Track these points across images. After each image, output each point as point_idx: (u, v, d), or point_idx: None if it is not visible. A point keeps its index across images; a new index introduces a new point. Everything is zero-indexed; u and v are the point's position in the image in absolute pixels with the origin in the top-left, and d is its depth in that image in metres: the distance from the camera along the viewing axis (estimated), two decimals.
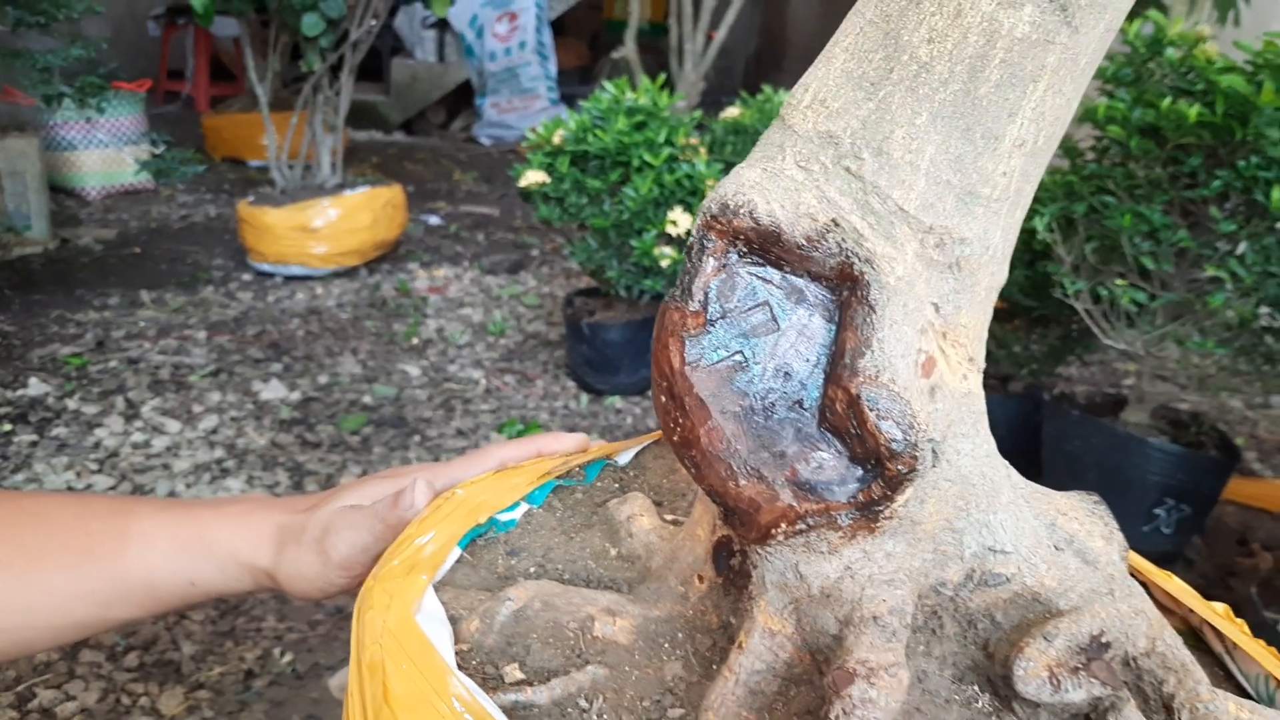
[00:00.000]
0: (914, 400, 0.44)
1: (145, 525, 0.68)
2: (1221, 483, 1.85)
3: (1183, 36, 1.67)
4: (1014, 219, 0.47)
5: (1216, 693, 0.50)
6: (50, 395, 2.53)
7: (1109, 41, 0.46)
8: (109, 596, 0.67)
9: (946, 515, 0.48)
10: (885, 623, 0.45)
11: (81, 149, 4.46)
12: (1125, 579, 0.52)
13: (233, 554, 0.68)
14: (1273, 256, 1.58)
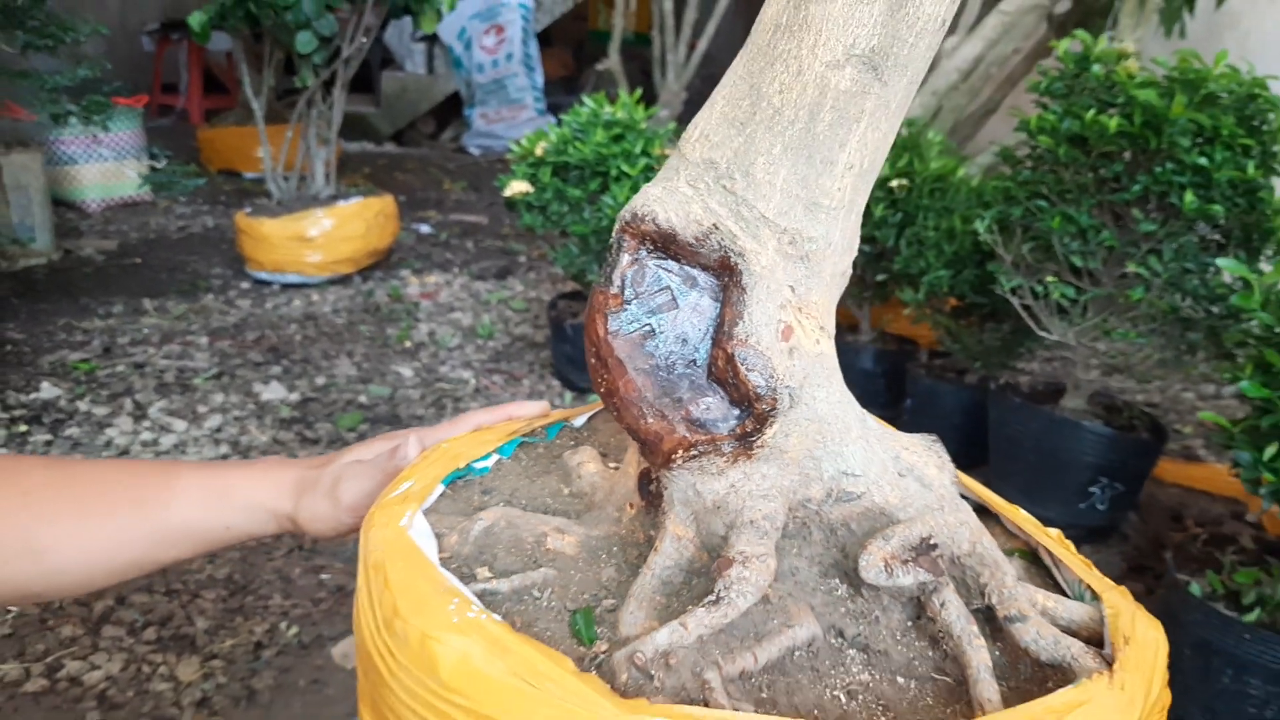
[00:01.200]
0: (774, 357, 0.60)
1: (185, 481, 0.82)
2: (1151, 462, 2.01)
3: (1106, 54, 1.83)
4: (850, 222, 0.63)
5: (1020, 583, 0.65)
6: (62, 398, 2.67)
7: (914, 89, 0.61)
8: (158, 539, 0.81)
9: (808, 446, 0.63)
10: (759, 525, 0.61)
11: (82, 163, 4.60)
12: (954, 499, 0.67)
13: (259, 503, 0.82)
14: (1187, 253, 1.74)
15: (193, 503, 0.81)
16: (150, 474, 0.83)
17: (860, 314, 2.66)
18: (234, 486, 0.82)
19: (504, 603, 0.61)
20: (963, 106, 3.26)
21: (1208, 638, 1.54)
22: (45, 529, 0.78)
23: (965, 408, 2.29)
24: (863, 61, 0.57)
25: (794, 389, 0.62)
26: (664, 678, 0.54)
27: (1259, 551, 1.67)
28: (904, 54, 0.58)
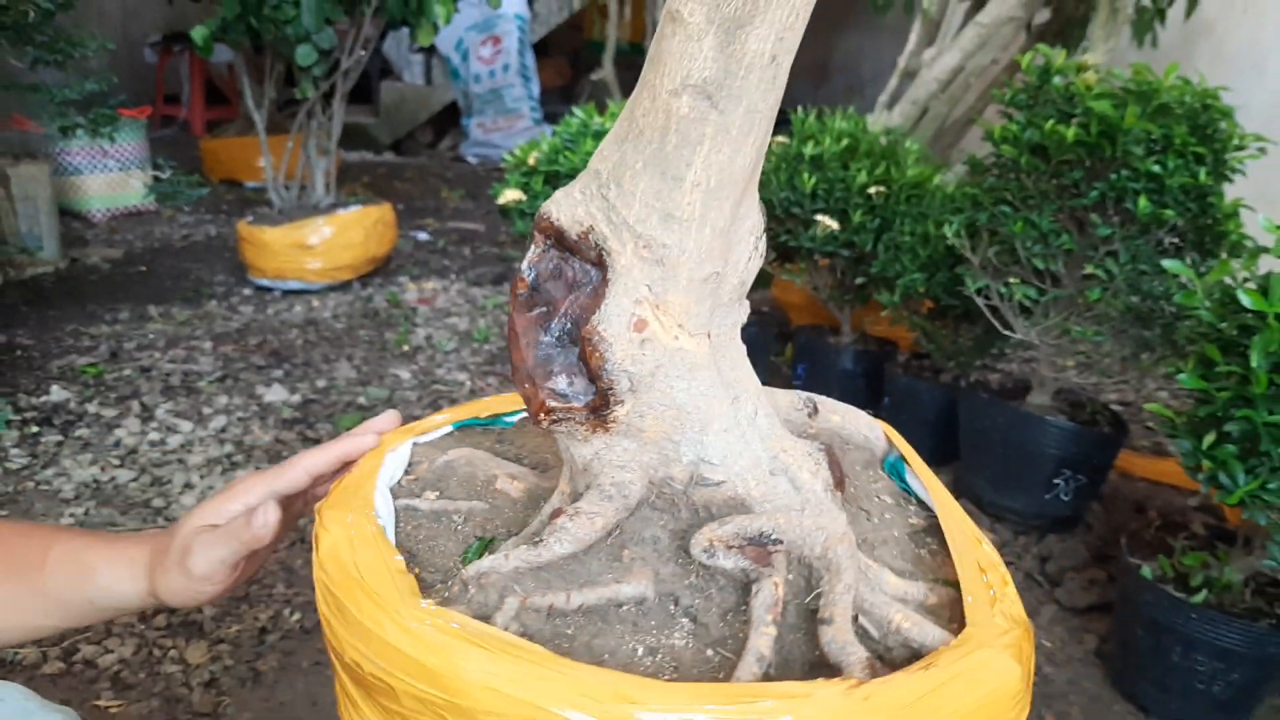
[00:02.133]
0: (619, 345, 0.71)
1: (57, 553, 0.83)
2: (1112, 455, 2.10)
3: (1066, 66, 1.93)
4: (705, 235, 0.71)
5: (850, 589, 0.70)
6: (71, 400, 2.76)
7: (759, 118, 0.69)
8: (38, 607, 0.83)
9: (665, 430, 0.74)
10: (605, 490, 0.72)
11: (88, 173, 4.71)
12: (823, 504, 0.75)
13: (117, 583, 0.83)
14: (1142, 256, 1.84)
15: (61, 575, 0.83)
16: (35, 540, 0.85)
17: (841, 316, 2.76)
18: (96, 565, 0.83)
19: (420, 519, 0.73)
20: (944, 115, 3.36)
21: (1158, 618, 1.63)
22: None
23: (940, 405, 2.38)
24: (698, 91, 0.66)
25: (636, 375, 0.72)
26: (474, 594, 0.66)
27: (1209, 537, 1.76)
28: (736, 85, 0.66)
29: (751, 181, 0.74)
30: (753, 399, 0.78)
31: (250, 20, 3.51)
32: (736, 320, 0.81)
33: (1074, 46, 3.45)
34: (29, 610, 0.83)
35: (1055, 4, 3.44)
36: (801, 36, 0.70)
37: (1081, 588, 1.97)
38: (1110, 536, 2.11)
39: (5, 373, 2.93)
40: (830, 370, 2.74)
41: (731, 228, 0.74)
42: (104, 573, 0.83)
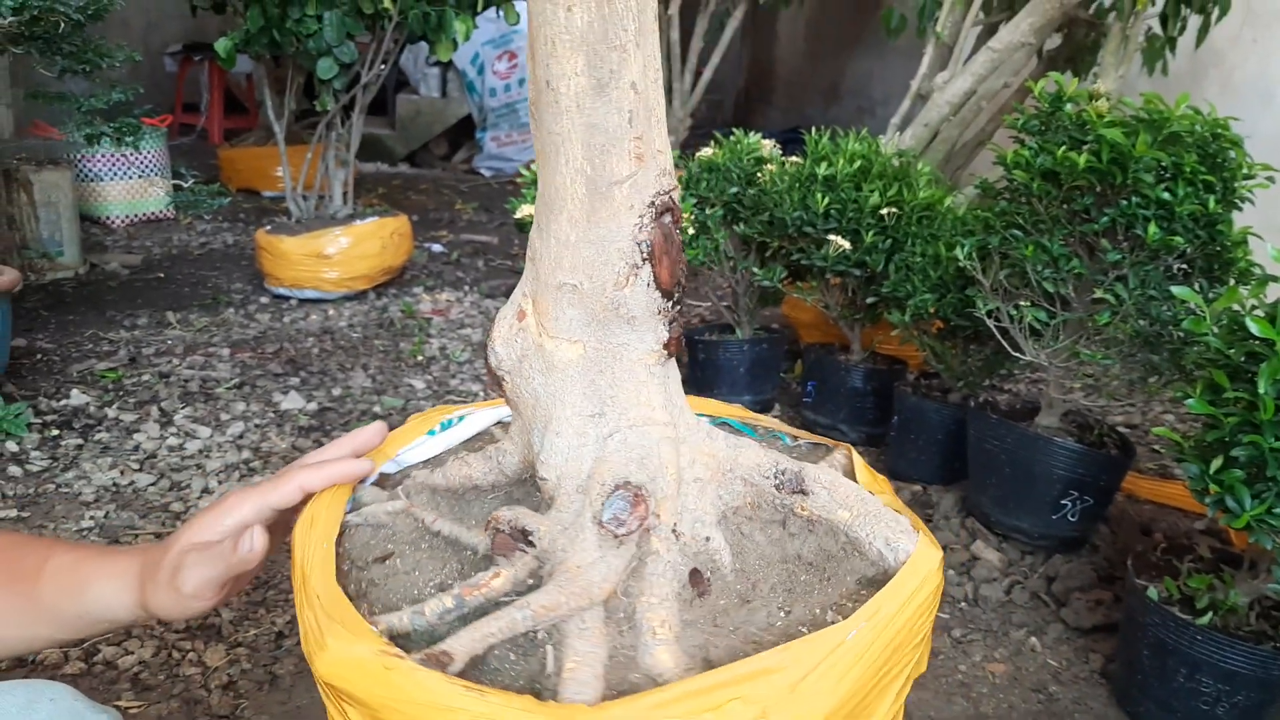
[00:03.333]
0: (501, 327, 0.86)
1: (54, 565, 0.85)
2: (1119, 477, 2.13)
3: (1079, 94, 1.96)
4: (549, 243, 0.82)
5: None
6: (91, 405, 2.80)
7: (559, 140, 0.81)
8: (33, 618, 0.85)
9: (528, 416, 0.84)
10: (488, 453, 0.92)
11: (109, 180, 4.77)
12: (599, 561, 0.85)
13: (109, 597, 0.85)
14: (1151, 281, 1.87)
15: (56, 588, 0.85)
16: (33, 553, 0.87)
17: (852, 335, 2.79)
18: (89, 579, 0.85)
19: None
20: (955, 138, 3.40)
21: (1163, 639, 1.65)
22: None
23: (948, 425, 2.41)
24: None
25: (507, 357, 0.84)
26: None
27: (1215, 560, 1.79)
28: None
29: (602, 203, 0.79)
30: (618, 423, 0.83)
31: (273, 33, 3.56)
32: (628, 343, 0.83)
33: (1085, 73, 3.49)
34: (25, 621, 0.85)
35: (1067, 31, 3.48)
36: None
37: (1088, 608, 1.99)
38: (1117, 558, 2.13)
39: (26, 376, 2.98)
40: (840, 388, 2.77)
41: (584, 246, 0.79)
42: (97, 586, 0.84)
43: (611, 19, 0.73)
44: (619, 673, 0.70)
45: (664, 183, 0.82)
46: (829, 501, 0.87)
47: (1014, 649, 1.91)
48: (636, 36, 0.75)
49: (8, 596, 0.84)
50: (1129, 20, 2.97)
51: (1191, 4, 2.92)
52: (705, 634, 0.75)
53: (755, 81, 9.09)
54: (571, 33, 0.74)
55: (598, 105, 0.75)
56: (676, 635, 0.73)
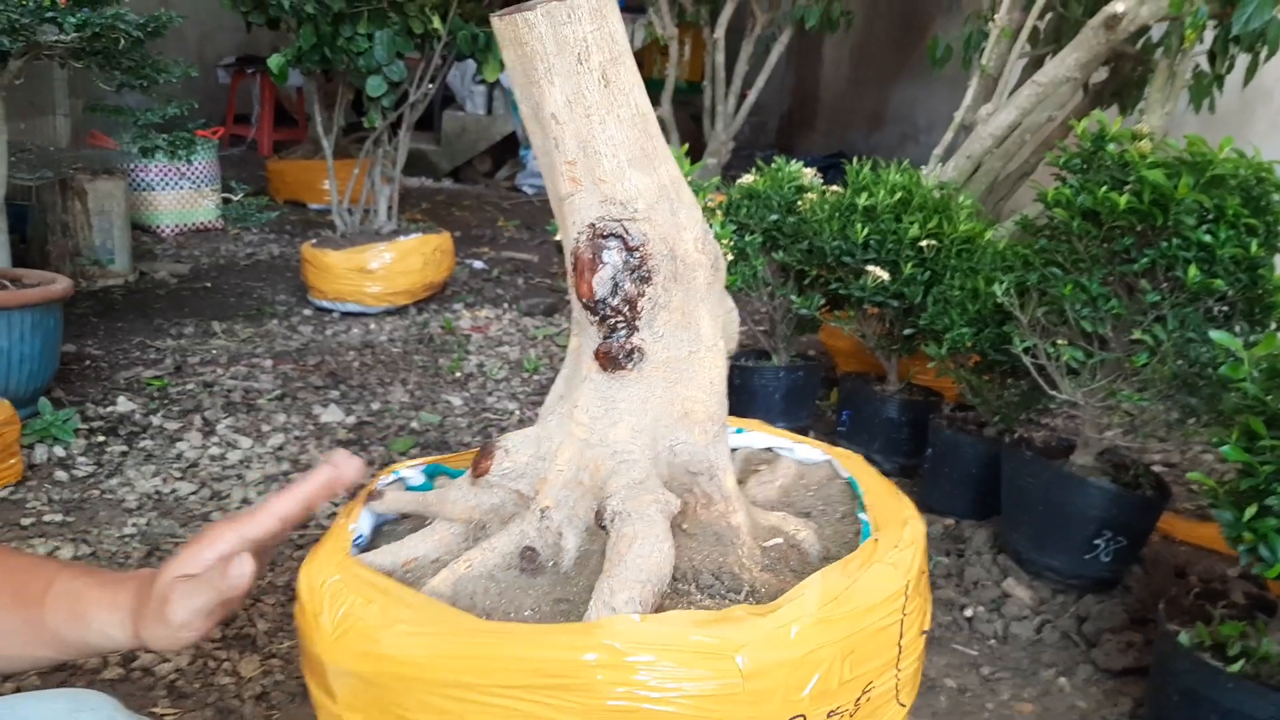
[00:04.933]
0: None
1: (57, 589, 0.88)
2: (1154, 519, 2.11)
3: (1121, 134, 1.96)
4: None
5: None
6: (136, 412, 2.86)
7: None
8: (37, 640, 0.87)
9: None
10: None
11: (160, 190, 4.87)
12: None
13: (105, 628, 0.87)
14: (1189, 323, 1.86)
15: (59, 612, 0.87)
16: (40, 576, 0.90)
17: (888, 365, 2.79)
18: (89, 611, 0.87)
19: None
20: (998, 170, 3.39)
21: (1194, 685, 1.64)
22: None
23: (983, 460, 2.40)
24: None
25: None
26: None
27: (1249, 606, 1.77)
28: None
29: (558, 213, 1.01)
30: (560, 410, 1.02)
31: (325, 50, 3.64)
32: (585, 345, 1.01)
33: (1131, 108, 3.47)
34: (31, 642, 0.87)
35: (1114, 65, 3.46)
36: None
37: (1119, 650, 1.98)
38: (1150, 599, 2.11)
39: (75, 382, 3.05)
40: (874, 418, 2.77)
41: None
42: (96, 618, 0.86)
43: (529, 59, 0.90)
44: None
45: (611, 211, 0.93)
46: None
47: (1043, 689, 1.90)
48: (549, 75, 0.89)
49: (15, 619, 0.86)
50: (1176, 57, 2.96)
51: (1240, 42, 2.90)
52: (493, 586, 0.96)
53: (799, 105, 9.11)
54: (512, 69, 0.94)
55: (536, 130, 0.96)
56: (459, 571, 0.95)
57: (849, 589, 0.87)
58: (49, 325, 2.70)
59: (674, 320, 0.99)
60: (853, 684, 0.85)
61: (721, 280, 1.01)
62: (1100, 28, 2.91)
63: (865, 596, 0.88)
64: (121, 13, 2.74)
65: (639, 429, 0.99)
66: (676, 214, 0.98)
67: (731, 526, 0.97)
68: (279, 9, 3.51)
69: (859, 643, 0.86)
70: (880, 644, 0.89)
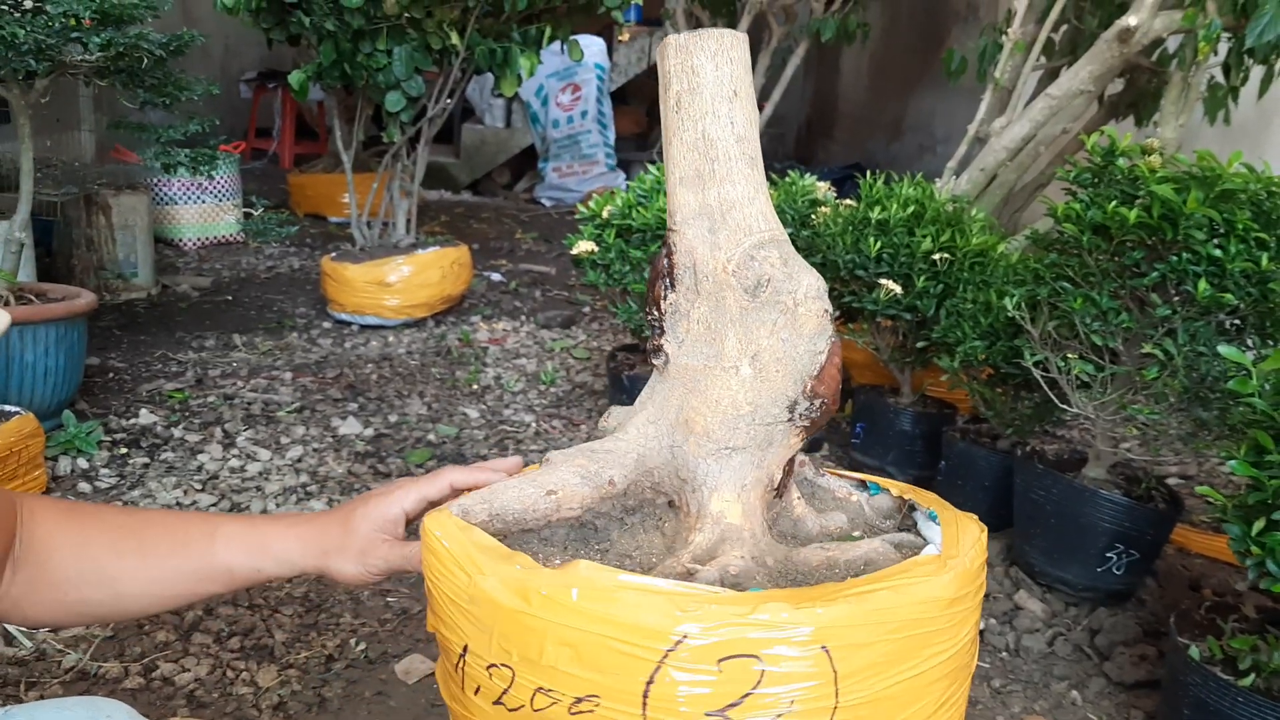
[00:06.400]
0: None
1: (228, 529, 1.04)
2: (1166, 532, 2.11)
3: (1131, 148, 1.97)
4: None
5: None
6: (158, 424, 2.91)
7: None
8: (201, 577, 1.02)
9: None
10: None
11: (182, 204, 4.94)
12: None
13: (288, 556, 1.04)
14: (1200, 337, 1.87)
15: (232, 548, 1.02)
16: (198, 524, 1.05)
17: (902, 377, 2.80)
18: (269, 540, 1.04)
19: None
20: (1012, 182, 3.40)
21: (1205, 699, 1.64)
22: (116, 563, 1.00)
23: (996, 472, 2.41)
24: None
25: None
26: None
27: (1261, 620, 1.77)
28: None
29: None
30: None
31: (344, 66, 3.69)
32: None
33: (1146, 119, 3.47)
34: (195, 579, 1.01)
35: (1129, 77, 3.46)
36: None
37: (1131, 663, 1.98)
38: (1163, 612, 2.11)
39: (98, 394, 3.10)
40: (889, 430, 2.78)
41: None
42: (279, 546, 1.03)
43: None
44: None
45: (669, 221, 1.05)
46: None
47: (1054, 702, 1.91)
48: (664, 98, 1.05)
49: (184, 562, 1.01)
50: (1190, 69, 2.96)
51: (1255, 54, 2.90)
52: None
53: (817, 116, 9.12)
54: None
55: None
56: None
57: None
58: (73, 339, 2.75)
59: (695, 331, 1.04)
60: None
61: (775, 311, 1.00)
62: (1114, 41, 2.92)
63: None
64: (145, 32, 2.79)
65: (654, 420, 1.05)
66: (715, 233, 1.01)
67: (686, 541, 0.99)
68: (300, 26, 3.56)
69: None
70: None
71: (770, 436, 1.03)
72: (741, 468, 1.02)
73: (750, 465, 1.02)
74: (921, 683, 0.88)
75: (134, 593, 1.00)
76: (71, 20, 2.64)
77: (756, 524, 1.01)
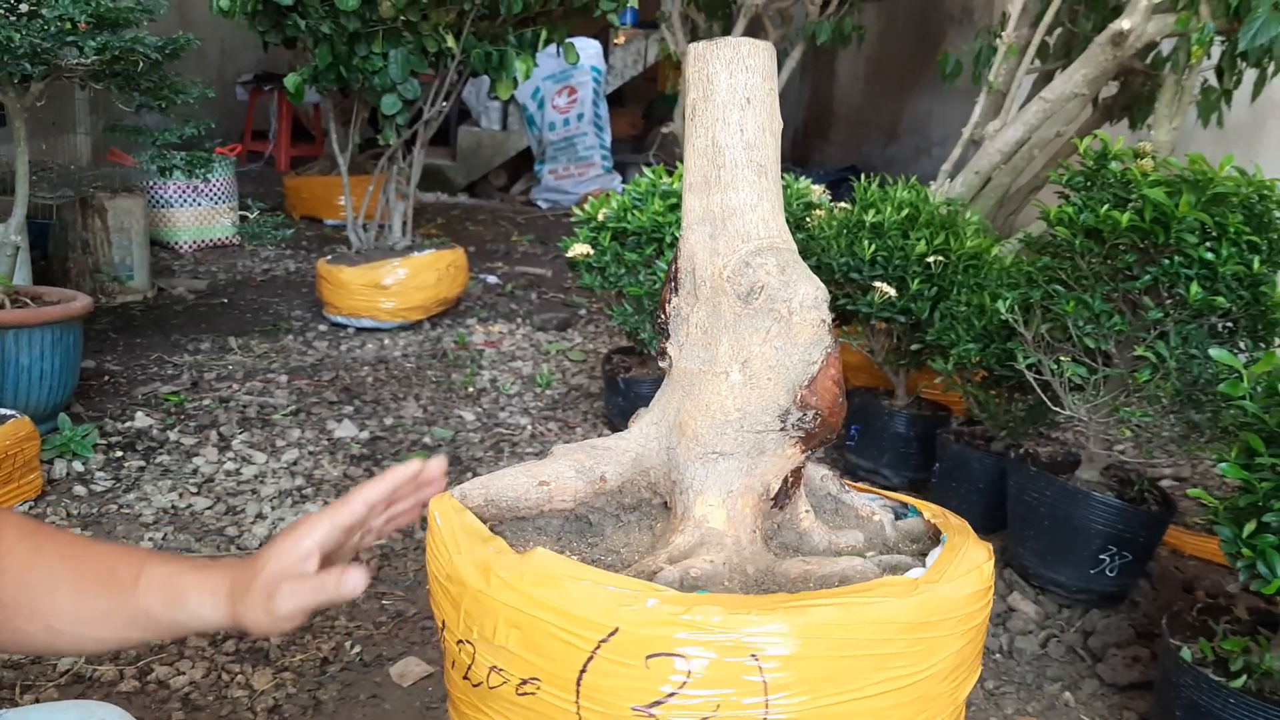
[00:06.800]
0: None
1: (151, 573, 0.93)
2: (1159, 534, 2.12)
3: (1123, 152, 1.98)
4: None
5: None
6: (154, 427, 2.91)
7: None
8: (127, 621, 0.93)
9: None
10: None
11: (178, 207, 4.94)
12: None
13: (202, 609, 0.92)
14: (1192, 340, 1.87)
15: (152, 594, 0.92)
16: (129, 564, 0.95)
17: (896, 380, 2.81)
18: (185, 592, 0.93)
19: None
20: (1007, 185, 3.41)
21: (1197, 701, 1.65)
22: (49, 597, 0.93)
23: (990, 474, 2.41)
24: None
25: None
26: None
27: (1252, 622, 1.78)
28: None
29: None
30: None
31: (340, 70, 3.69)
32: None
33: (1140, 121, 3.48)
34: (121, 623, 0.92)
35: (1123, 80, 3.47)
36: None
37: (1124, 664, 1.98)
38: (1156, 614, 2.12)
39: (94, 397, 3.10)
40: (883, 433, 2.78)
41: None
42: (192, 599, 0.92)
43: None
44: None
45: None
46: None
47: (1048, 703, 1.91)
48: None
49: (108, 602, 0.92)
50: (1183, 73, 2.97)
51: (1248, 57, 2.91)
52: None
53: (814, 118, 9.13)
54: None
55: None
56: None
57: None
58: (68, 342, 2.75)
59: (693, 336, 1.04)
60: None
61: (769, 319, 0.99)
62: (1107, 44, 2.93)
63: None
64: (140, 36, 2.79)
65: (656, 421, 1.07)
66: (716, 239, 1.02)
67: (667, 542, 1.00)
68: (295, 29, 3.56)
69: None
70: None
71: (761, 444, 1.02)
72: (728, 473, 1.01)
73: (738, 472, 1.02)
74: (873, 707, 0.85)
75: (64, 630, 0.93)
76: (67, 24, 2.64)
77: (742, 531, 1.00)
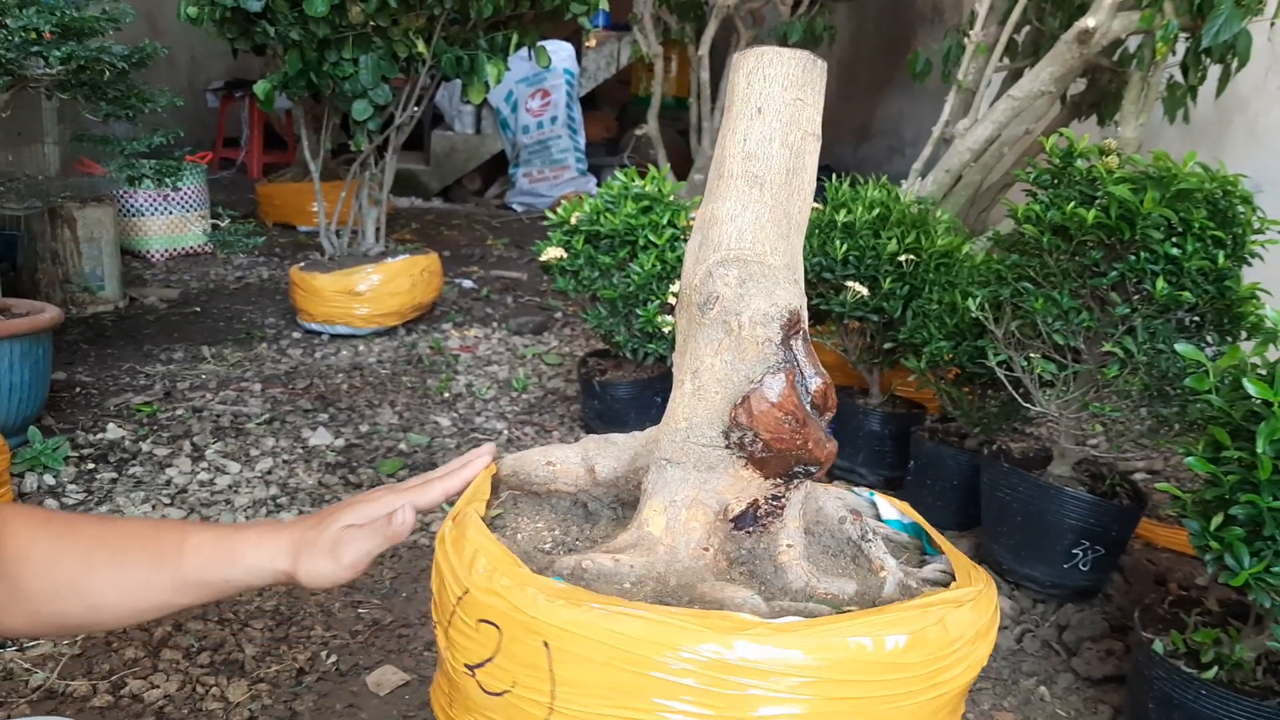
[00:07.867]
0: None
1: (197, 539, 1.01)
2: (1130, 528, 2.14)
3: (1089, 149, 2.00)
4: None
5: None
6: (126, 439, 2.88)
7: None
8: (173, 588, 1.00)
9: None
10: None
11: (149, 215, 4.90)
12: None
13: (259, 563, 1.00)
14: (1159, 335, 1.89)
15: (202, 558, 1.00)
16: (169, 533, 1.03)
17: (870, 378, 2.82)
18: (239, 548, 1.00)
19: None
20: (978, 183, 3.43)
21: (1169, 693, 1.66)
22: (89, 576, 0.98)
23: (964, 471, 2.43)
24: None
25: None
26: None
27: (1223, 614, 1.80)
28: None
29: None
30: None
31: (310, 76, 3.67)
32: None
33: (1108, 118, 3.51)
34: (167, 591, 0.99)
35: (1091, 77, 3.51)
36: None
37: (1099, 658, 2.00)
38: (1129, 608, 2.14)
39: (65, 409, 3.07)
40: (858, 431, 2.79)
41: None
42: (249, 555, 1.00)
43: None
44: None
45: None
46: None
47: (1023, 698, 1.93)
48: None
49: (148, 572, 0.99)
50: (1149, 69, 3.00)
51: (1211, 54, 2.95)
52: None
53: None
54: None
55: None
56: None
57: None
58: (38, 355, 2.73)
59: (679, 343, 1.05)
60: None
61: (720, 331, 0.96)
62: (1074, 42, 2.96)
63: None
64: (107, 45, 2.77)
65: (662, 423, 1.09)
66: (701, 248, 1.02)
67: (614, 537, 1.01)
68: (265, 36, 3.54)
69: None
70: None
71: (709, 459, 0.98)
72: (674, 482, 1.00)
73: (684, 483, 0.99)
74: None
75: (107, 605, 0.99)
76: (32, 34, 2.62)
77: (681, 542, 0.98)
